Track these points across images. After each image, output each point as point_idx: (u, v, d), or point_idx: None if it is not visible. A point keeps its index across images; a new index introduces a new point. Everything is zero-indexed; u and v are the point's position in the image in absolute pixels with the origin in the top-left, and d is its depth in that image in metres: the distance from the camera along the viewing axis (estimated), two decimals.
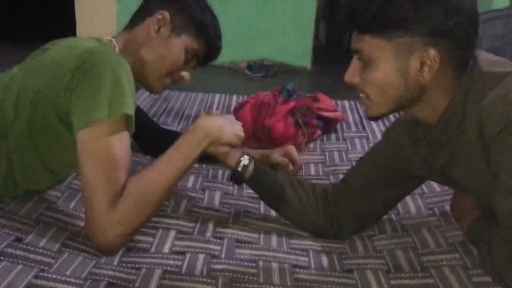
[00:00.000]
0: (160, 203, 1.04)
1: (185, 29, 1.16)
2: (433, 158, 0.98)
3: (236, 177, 1.18)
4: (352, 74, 0.93)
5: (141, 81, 1.19)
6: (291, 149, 1.39)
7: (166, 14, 1.15)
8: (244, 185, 1.37)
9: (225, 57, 3.51)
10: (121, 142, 0.97)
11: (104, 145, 0.95)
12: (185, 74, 1.20)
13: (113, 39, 1.17)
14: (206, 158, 1.42)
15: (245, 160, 1.16)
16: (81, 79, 0.97)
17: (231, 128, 1.12)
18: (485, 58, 0.91)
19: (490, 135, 0.81)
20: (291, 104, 1.63)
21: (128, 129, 1.00)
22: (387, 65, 0.88)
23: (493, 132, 0.80)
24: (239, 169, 1.16)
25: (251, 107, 1.64)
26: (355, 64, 0.93)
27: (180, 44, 1.15)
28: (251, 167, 1.16)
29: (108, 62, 0.98)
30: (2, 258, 0.92)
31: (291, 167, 1.39)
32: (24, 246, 0.98)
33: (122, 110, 0.96)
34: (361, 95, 0.95)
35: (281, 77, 3.43)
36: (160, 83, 1.19)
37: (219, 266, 1.02)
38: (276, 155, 1.39)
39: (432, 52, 0.85)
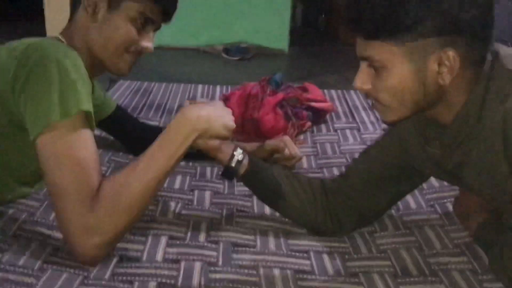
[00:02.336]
0: (142, 208, 0.93)
1: None
2: (444, 158, 0.93)
3: (229, 173, 1.09)
4: (362, 81, 0.85)
5: (103, 67, 1.08)
6: (287, 139, 1.33)
7: None
8: (235, 182, 1.31)
9: (201, 39, 3.45)
10: (83, 141, 0.89)
11: (65, 147, 0.86)
12: (146, 44, 1.06)
13: (59, 35, 1.06)
14: (193, 155, 1.35)
15: (238, 154, 1.07)
16: (28, 79, 0.88)
17: (220, 118, 1.00)
18: (508, 54, 0.85)
19: None
20: (280, 96, 1.57)
21: (89, 126, 0.91)
22: (402, 70, 0.81)
23: None
24: (233, 165, 1.06)
25: (238, 98, 1.57)
26: (364, 70, 0.85)
27: (123, 16, 1.03)
28: (245, 162, 1.08)
29: (53, 56, 0.89)
30: None
31: (287, 151, 1.33)
32: (2, 266, 0.91)
33: (77, 107, 0.88)
34: (373, 101, 0.88)
35: (258, 60, 3.36)
36: (122, 62, 1.06)
37: (218, 276, 0.96)
38: (271, 141, 1.34)
39: (451, 53, 0.78)
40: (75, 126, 0.88)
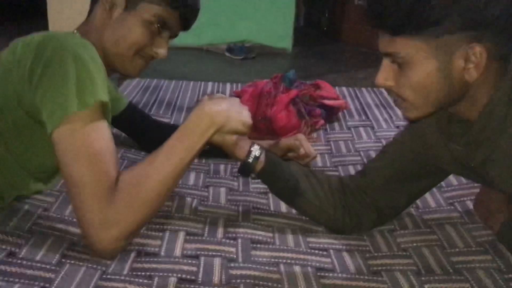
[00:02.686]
0: (160, 201, 0.90)
1: None
2: (468, 154, 0.92)
3: (245, 169, 1.07)
4: (385, 77, 0.83)
5: (113, 67, 1.05)
6: (302, 137, 1.32)
7: None
8: (250, 180, 1.30)
9: (204, 38, 3.43)
10: (101, 133, 0.86)
11: (83, 139, 0.84)
12: (159, 49, 1.04)
13: (75, 30, 1.05)
14: (206, 152, 1.34)
15: (256, 150, 1.05)
16: (44, 71, 0.86)
17: (238, 114, 0.98)
18: None
19: None
20: (293, 93, 1.55)
21: (105, 117, 0.90)
22: (427, 67, 0.79)
23: None
24: (250, 160, 1.04)
25: (250, 96, 1.55)
26: (387, 66, 0.83)
27: (138, 18, 1.00)
28: (262, 158, 1.06)
29: (69, 46, 0.87)
30: None
31: (302, 150, 1.32)
32: (19, 261, 0.88)
33: (95, 98, 0.86)
34: (396, 98, 0.86)
35: (261, 60, 3.34)
36: (131, 65, 1.04)
37: (238, 272, 0.94)
38: (286, 140, 1.33)
39: (478, 48, 0.76)
40: (92, 117, 0.86)
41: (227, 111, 0.97)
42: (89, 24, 1.04)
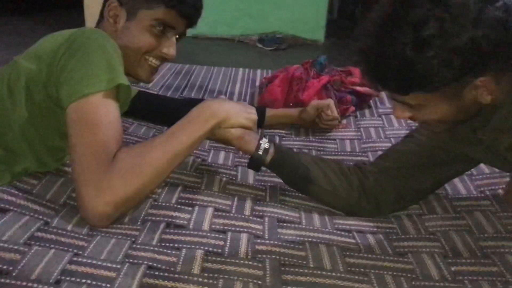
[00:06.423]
0: (155, 179, 0.96)
1: (138, 6, 1.11)
2: (495, 141, 0.91)
3: (256, 163, 1.11)
4: (401, 113, 0.88)
5: (126, 72, 1.12)
6: (331, 101, 1.43)
7: (114, 3, 1.12)
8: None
9: (236, 29, 3.45)
10: (110, 110, 0.94)
11: (92, 112, 0.92)
12: (166, 50, 1.12)
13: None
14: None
15: (264, 143, 1.09)
16: (71, 56, 0.95)
17: (241, 110, 1.07)
18: None
19: None
20: (325, 79, 1.54)
21: (125, 99, 1.00)
22: (439, 110, 0.83)
23: None
24: (260, 152, 1.08)
25: (281, 81, 1.55)
26: (399, 105, 0.87)
27: (139, 25, 1.10)
28: (272, 150, 1.09)
29: (96, 38, 0.98)
30: (33, 242, 0.86)
31: (330, 112, 1.44)
32: (54, 230, 0.92)
33: (115, 82, 0.95)
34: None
35: (293, 51, 3.34)
36: (141, 70, 1.14)
37: (264, 248, 0.95)
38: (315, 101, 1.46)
39: (483, 79, 0.78)
40: (107, 98, 0.94)
41: (228, 107, 1.06)
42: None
